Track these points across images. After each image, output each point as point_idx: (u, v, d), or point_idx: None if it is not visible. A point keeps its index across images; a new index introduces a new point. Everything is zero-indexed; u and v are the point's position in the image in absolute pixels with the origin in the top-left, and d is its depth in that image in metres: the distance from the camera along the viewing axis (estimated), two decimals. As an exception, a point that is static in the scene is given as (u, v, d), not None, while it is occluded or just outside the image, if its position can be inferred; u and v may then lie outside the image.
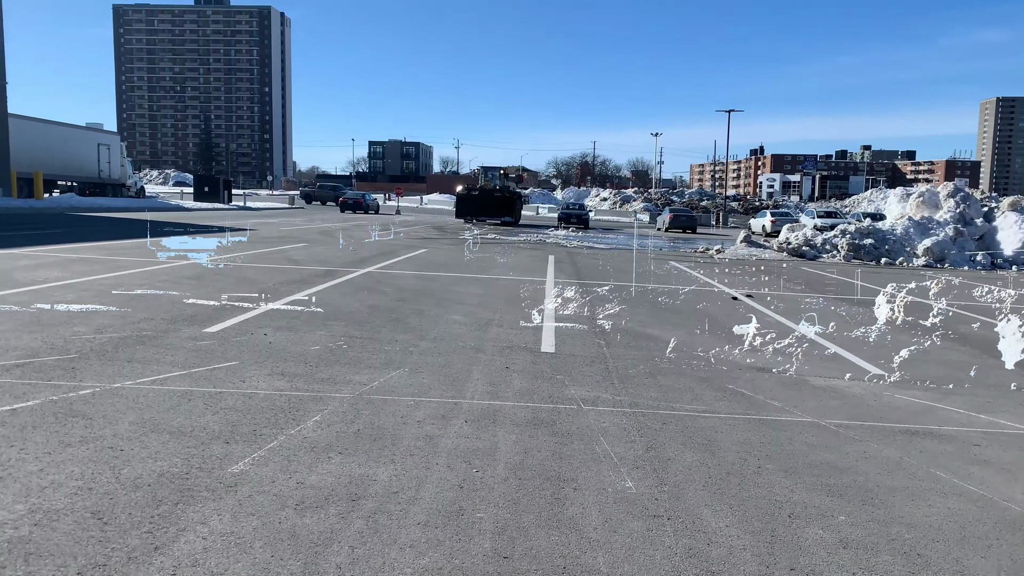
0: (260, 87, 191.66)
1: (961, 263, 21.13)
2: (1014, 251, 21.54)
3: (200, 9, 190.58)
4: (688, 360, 7.24)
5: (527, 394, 5.69)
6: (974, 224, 22.71)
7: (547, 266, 16.39)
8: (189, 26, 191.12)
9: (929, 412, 5.76)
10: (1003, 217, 23.08)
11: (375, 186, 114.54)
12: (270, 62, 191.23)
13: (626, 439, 4.76)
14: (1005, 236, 22.07)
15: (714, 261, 20.68)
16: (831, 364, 7.41)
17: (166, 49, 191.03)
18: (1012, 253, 21.55)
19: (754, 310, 10.96)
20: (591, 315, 9.71)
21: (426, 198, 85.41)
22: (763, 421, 5.30)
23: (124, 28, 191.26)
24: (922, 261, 21.31)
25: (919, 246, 21.74)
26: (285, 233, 24.81)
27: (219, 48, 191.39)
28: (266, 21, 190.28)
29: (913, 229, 22.74)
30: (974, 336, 9.46)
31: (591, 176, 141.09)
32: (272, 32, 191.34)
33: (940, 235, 21.93)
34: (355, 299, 10.14)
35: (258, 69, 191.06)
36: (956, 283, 16.64)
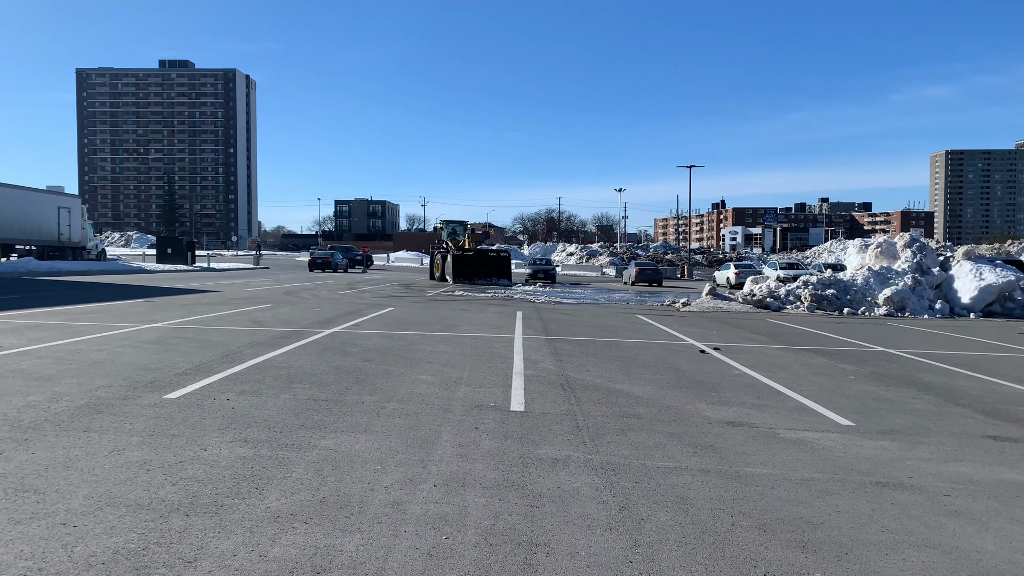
0: (225, 148, 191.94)
1: (921, 311, 21.57)
2: (971, 299, 22.07)
3: (165, 72, 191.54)
4: (658, 415, 7.22)
5: (497, 455, 5.61)
6: (931, 273, 23.28)
7: (515, 322, 16.38)
8: (153, 89, 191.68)
9: (898, 463, 5.79)
10: (958, 266, 23.69)
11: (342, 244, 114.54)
12: (235, 123, 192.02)
13: (598, 499, 4.69)
14: (961, 284, 22.63)
15: (681, 314, 20.86)
16: (800, 416, 7.44)
17: (129, 112, 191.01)
18: (969, 301, 22.07)
19: (722, 363, 11.02)
20: (560, 371, 9.68)
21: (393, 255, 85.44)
22: (735, 476, 5.27)
23: (87, 92, 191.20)
24: (883, 310, 21.72)
25: (880, 296, 22.18)
26: (250, 294, 24.55)
27: (184, 110, 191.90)
28: (231, 84, 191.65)
29: (873, 279, 23.22)
30: (938, 385, 9.59)
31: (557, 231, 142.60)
32: (237, 94, 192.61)
33: (899, 284, 22.42)
34: (320, 360, 10.01)
35: (223, 131, 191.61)
36: (919, 331, 16.95)
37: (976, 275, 22.59)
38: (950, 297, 22.50)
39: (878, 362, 11.64)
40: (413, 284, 35.48)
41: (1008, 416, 7.68)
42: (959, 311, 21.87)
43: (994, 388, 9.41)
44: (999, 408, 8.09)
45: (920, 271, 23.22)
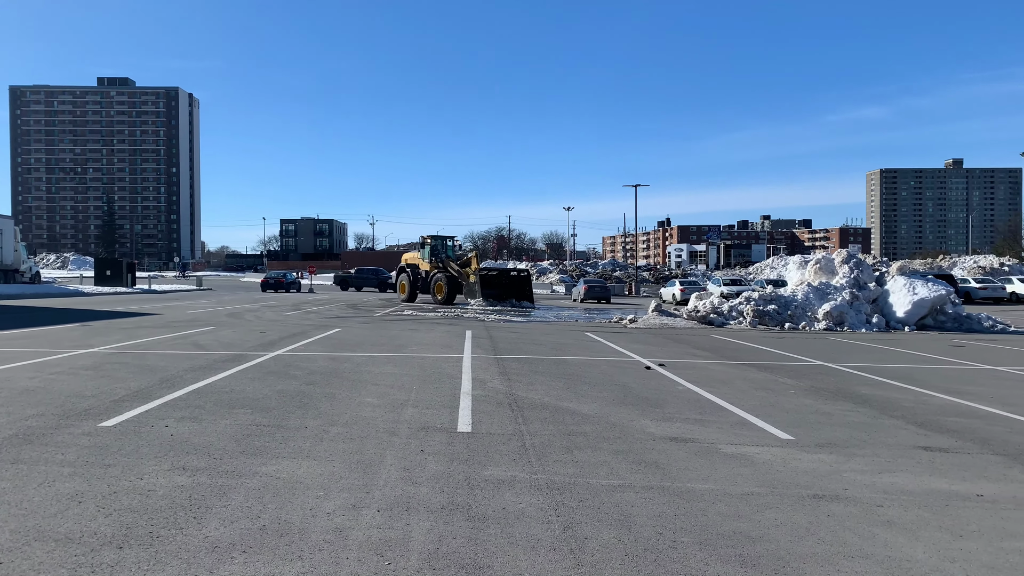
0: (167, 167, 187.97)
1: (858, 326, 22.21)
2: (905, 312, 22.82)
3: (103, 90, 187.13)
4: (604, 433, 7.27)
5: (442, 478, 5.58)
6: (868, 288, 24.02)
7: (464, 341, 16.35)
8: (91, 107, 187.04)
9: (835, 475, 5.94)
10: (893, 281, 24.51)
11: (287, 264, 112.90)
12: (178, 142, 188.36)
13: (543, 519, 4.70)
14: (896, 299, 23.39)
15: (628, 330, 21.08)
16: (741, 431, 7.58)
17: (66, 130, 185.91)
18: (903, 314, 22.82)
19: (667, 379, 11.17)
20: (509, 390, 9.69)
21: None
22: (677, 492, 5.34)
23: (21, 109, 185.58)
24: (823, 325, 22.30)
25: (819, 311, 22.78)
26: (192, 317, 24.01)
27: (123, 128, 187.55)
28: (173, 102, 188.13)
29: (813, 294, 23.85)
30: (874, 397, 9.88)
31: (507, 249, 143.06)
32: (180, 112, 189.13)
33: (838, 299, 23.07)
34: (263, 384, 9.83)
35: (165, 149, 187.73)
36: (859, 345, 17.45)
37: (910, 290, 23.39)
38: (886, 311, 23.24)
39: (817, 376, 11.94)
40: (361, 304, 35.15)
41: (939, 427, 7.95)
42: (894, 324, 22.59)
43: (926, 400, 9.74)
44: (930, 419, 8.37)
45: (857, 286, 23.94)
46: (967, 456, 6.67)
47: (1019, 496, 5.47)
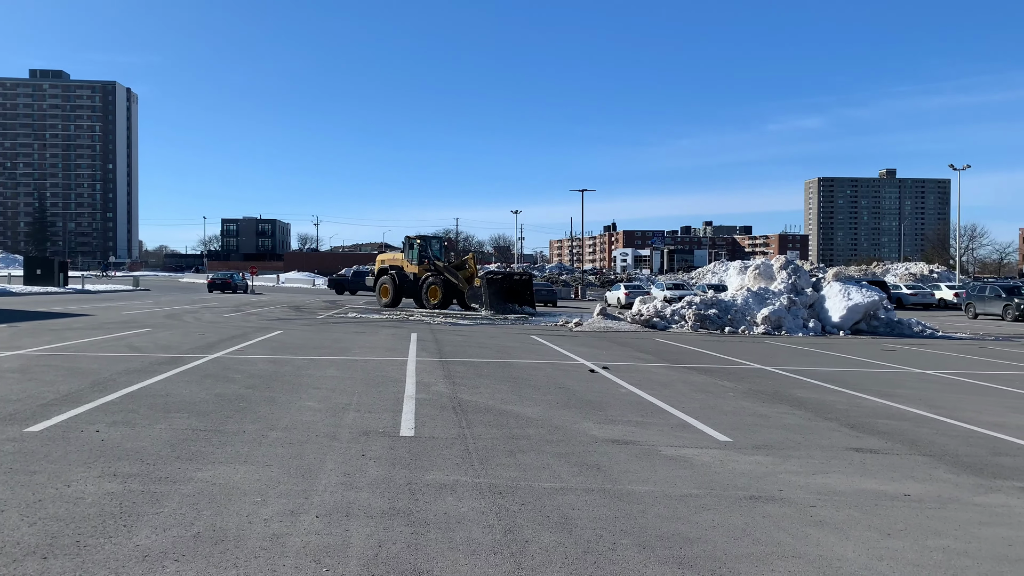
0: (103, 164, 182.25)
1: (796, 330, 22.80)
2: (840, 317, 23.52)
3: (36, 83, 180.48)
4: (547, 436, 7.30)
5: (383, 483, 5.52)
6: (805, 294, 24.67)
7: (409, 345, 16.24)
8: (23, 99, 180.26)
9: (770, 476, 6.08)
10: (829, 287, 25.23)
11: (229, 265, 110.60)
12: (115, 138, 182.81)
13: (484, 523, 4.69)
14: (832, 304, 24.09)
15: (573, 334, 21.23)
16: (681, 433, 7.69)
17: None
18: (838, 319, 23.51)
19: (610, 382, 11.28)
20: (453, 394, 9.66)
21: (283, 276, 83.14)
22: (618, 495, 5.39)
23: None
24: (761, 329, 22.82)
25: (758, 315, 23.30)
26: (127, 318, 23.31)
27: (57, 123, 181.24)
28: (110, 96, 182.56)
29: (752, 299, 24.39)
30: (809, 400, 10.14)
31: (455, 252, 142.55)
32: (117, 108, 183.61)
33: (776, 304, 23.64)
34: (201, 388, 9.59)
35: (101, 145, 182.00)
36: (793, 348, 17.90)
37: (845, 295, 24.11)
38: (822, 316, 23.90)
39: (755, 379, 12.21)
40: (304, 306, 34.62)
41: (870, 429, 8.20)
42: (830, 329, 23.25)
43: (859, 403, 10.04)
44: (862, 421, 8.63)
45: (795, 292, 24.56)
46: (896, 457, 6.90)
47: (943, 496, 5.68)
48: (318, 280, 79.16)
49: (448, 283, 32.38)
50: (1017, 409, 9.83)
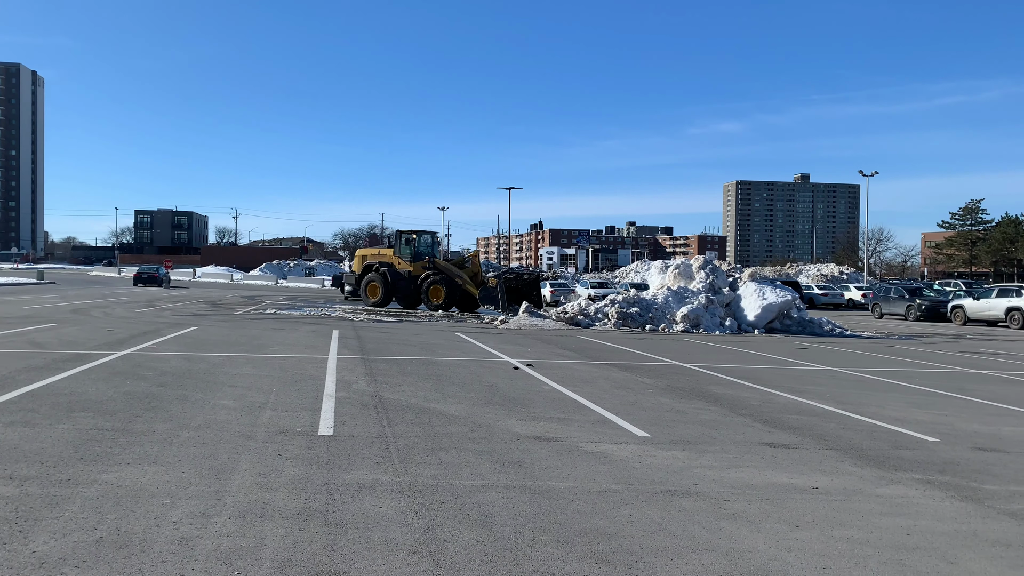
0: (5, 150, 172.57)
1: (713, 328, 23.44)
2: (755, 316, 24.30)
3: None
4: (470, 433, 7.29)
5: (300, 483, 5.40)
6: (722, 293, 25.38)
7: (330, 342, 15.95)
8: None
9: (686, 471, 6.22)
10: (745, 287, 26.04)
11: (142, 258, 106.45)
12: (18, 123, 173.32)
13: (403, 523, 4.64)
14: (747, 303, 24.87)
15: (499, 331, 21.27)
16: (602, 429, 7.80)
17: None
18: (753, 318, 24.29)
19: (534, 379, 11.35)
20: (375, 392, 9.53)
21: (200, 271, 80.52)
22: (538, 491, 5.42)
23: None
24: (680, 327, 23.37)
25: (677, 313, 23.85)
26: (30, 312, 22.15)
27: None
28: (14, 79, 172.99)
29: (672, 298, 24.95)
30: (725, 396, 10.43)
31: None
32: (21, 91, 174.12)
33: (694, 303, 24.25)
34: (108, 386, 9.19)
35: (3, 131, 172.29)
36: (714, 347, 18.40)
37: (760, 295, 24.91)
38: (738, 315, 24.64)
39: (674, 375, 12.49)
40: (221, 301, 33.61)
41: (781, 424, 8.50)
42: (745, 328, 24.00)
43: (771, 399, 10.39)
44: (774, 417, 8.94)
45: (712, 291, 25.24)
46: (805, 451, 7.16)
47: (848, 488, 5.93)
48: (236, 275, 76.98)
49: (451, 283, 30.01)
50: (917, 404, 10.35)
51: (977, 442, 7.89)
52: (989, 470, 6.67)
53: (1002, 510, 5.46)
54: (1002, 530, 5.01)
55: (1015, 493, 5.95)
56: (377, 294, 31.07)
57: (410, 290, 30.76)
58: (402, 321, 24.46)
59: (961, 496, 5.79)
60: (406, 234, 32.38)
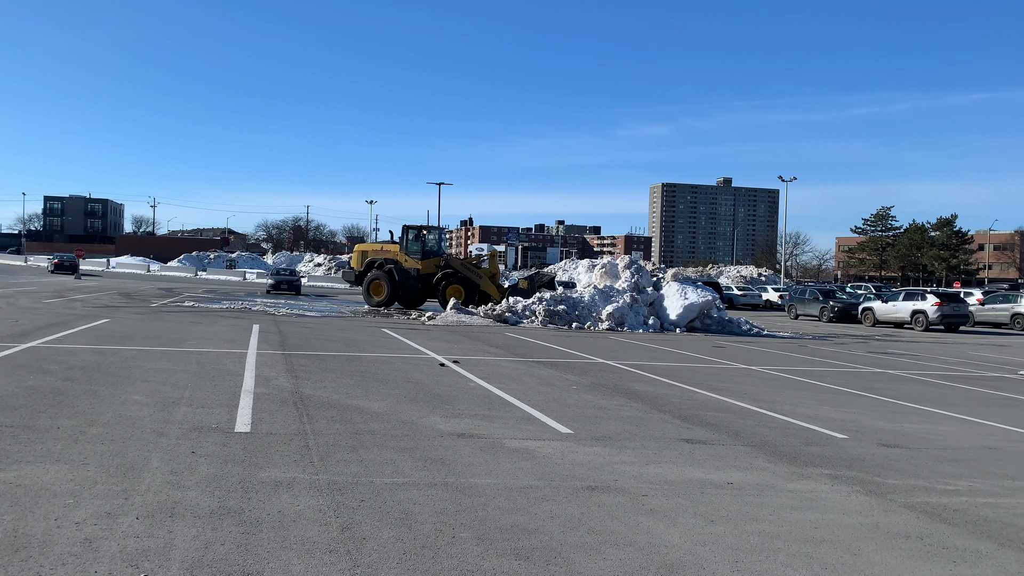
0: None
1: (637, 326, 23.87)
2: (677, 315, 24.87)
3: None
4: (393, 431, 7.21)
5: (214, 481, 5.24)
6: (646, 292, 25.88)
7: (250, 336, 15.54)
8: None
9: (607, 467, 6.31)
10: (668, 286, 26.62)
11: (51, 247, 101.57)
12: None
13: (321, 521, 4.55)
14: (670, 302, 25.42)
15: (426, 327, 21.14)
16: (526, 426, 7.84)
17: None
18: (675, 317, 24.85)
19: (459, 376, 11.32)
20: (295, 388, 9.33)
21: (115, 261, 77.31)
22: (460, 488, 5.40)
23: None
24: (606, 325, 23.71)
25: (603, 312, 24.19)
26: (-76, 301, 20.84)
27: None
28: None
29: (598, 297, 25.29)
30: (646, 393, 10.62)
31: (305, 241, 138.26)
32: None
33: (620, 302, 24.65)
34: (9, 380, 8.72)
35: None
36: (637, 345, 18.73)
37: (682, 295, 25.50)
38: (661, 314, 25.16)
39: (598, 373, 12.65)
40: (136, 293, 32.36)
41: (700, 420, 8.71)
42: (668, 326, 24.53)
43: (691, 396, 10.64)
44: (693, 413, 9.15)
45: (637, 290, 25.71)
46: (722, 447, 7.36)
47: (761, 483, 6.12)
48: (153, 266, 74.24)
49: (470, 283, 28.46)
50: (827, 402, 10.77)
51: (882, 438, 8.27)
52: (892, 465, 7.00)
53: (903, 503, 5.73)
54: (902, 522, 5.26)
55: (915, 487, 6.25)
56: (382, 293, 28.97)
57: (417, 289, 28.86)
58: (325, 317, 24.05)
59: (866, 490, 6.04)
60: (414, 229, 30.46)
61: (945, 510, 5.61)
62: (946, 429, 9.15)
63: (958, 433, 8.95)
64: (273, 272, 47.24)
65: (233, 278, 64.75)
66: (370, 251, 30.96)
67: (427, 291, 29.02)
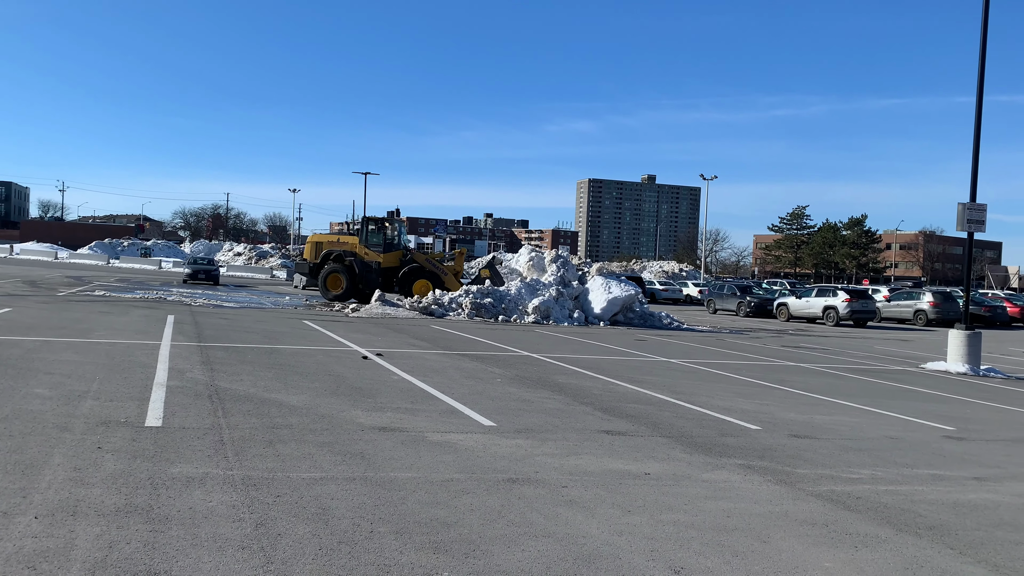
0: None
1: (562, 320, 24.11)
2: (601, 309, 25.24)
3: None
4: (311, 425, 7.08)
5: (121, 477, 5.03)
6: (571, 286, 26.15)
7: (164, 327, 15.00)
8: None
9: (528, 459, 6.35)
10: (593, 280, 26.98)
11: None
12: None
13: (234, 518, 4.43)
14: (594, 296, 25.78)
15: (349, 319, 20.84)
16: (449, 419, 7.82)
17: None
18: (600, 311, 25.21)
19: (383, 368, 11.20)
20: (210, 381, 9.05)
21: (19, 247, 73.42)
22: (380, 482, 5.35)
23: None
24: (532, 318, 23.87)
25: (529, 305, 24.34)
26: None
27: None
28: None
29: (525, 290, 25.42)
30: (569, 385, 10.74)
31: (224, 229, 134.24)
32: None
33: (546, 296, 24.84)
34: (-103, 372, 8.18)
35: None
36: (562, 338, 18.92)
37: (606, 289, 25.89)
38: (586, 307, 25.48)
39: (522, 365, 12.73)
40: (42, 281, 30.80)
41: (620, 412, 8.86)
42: (592, 320, 24.86)
43: (612, 388, 10.82)
44: (614, 405, 9.31)
45: (563, 284, 25.95)
46: (640, 439, 7.51)
47: (678, 473, 6.27)
48: (62, 253, 70.83)
49: (436, 277, 27.80)
50: (743, 395, 11.11)
51: (793, 429, 8.58)
52: (802, 455, 7.27)
53: (810, 492, 5.97)
54: (809, 510, 5.47)
55: (822, 476, 6.52)
56: (340, 286, 28.11)
57: (378, 284, 27.71)
58: (243, 308, 23.43)
59: (776, 480, 6.26)
60: (376, 221, 29.52)
61: (849, 498, 5.86)
62: (852, 420, 9.56)
63: (863, 424, 9.37)
64: (190, 261, 45.73)
65: (148, 267, 62.45)
66: (326, 242, 29.73)
67: (386, 285, 28.20)
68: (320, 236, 31.37)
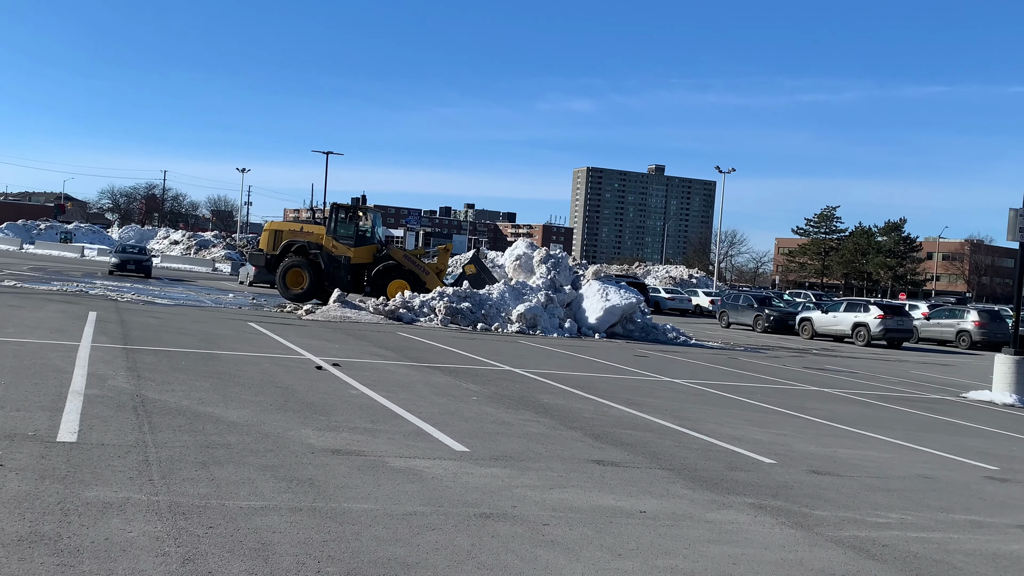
0: None
1: (551, 330, 24.16)
2: (596, 319, 25.32)
3: None
4: (253, 445, 7.05)
5: (26, 500, 4.99)
6: (563, 291, 26.23)
7: (85, 325, 14.89)
8: None
9: (506, 491, 6.35)
10: (588, 286, 27.05)
11: None
12: None
13: (158, 551, 4.40)
14: (589, 304, 25.85)
15: (303, 322, 20.79)
16: (415, 442, 7.81)
17: None
18: (595, 321, 25.29)
19: (339, 381, 11.17)
20: (136, 391, 9.00)
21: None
22: (330, 514, 5.33)
23: None
24: (516, 327, 23.90)
25: (514, 312, 24.37)
26: None
27: None
28: None
29: (509, 294, 25.45)
30: (556, 407, 10.76)
31: (160, 213, 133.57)
32: None
33: (533, 301, 24.88)
34: None
35: None
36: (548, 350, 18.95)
37: (603, 296, 25.97)
38: (579, 316, 25.55)
39: (503, 382, 12.74)
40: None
41: (613, 439, 8.89)
42: (586, 331, 24.93)
43: (606, 411, 10.85)
44: (607, 431, 9.34)
45: (554, 288, 26.01)
46: (636, 471, 7.53)
47: (678, 512, 6.29)
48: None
49: (412, 275, 27.62)
50: (755, 422, 11.18)
51: (813, 464, 8.64)
52: (822, 495, 7.32)
53: (830, 537, 6.01)
54: (828, 559, 5.51)
55: (844, 519, 6.56)
56: (302, 283, 27.79)
57: (347, 282, 27.46)
58: (179, 306, 23.31)
59: (791, 522, 6.30)
60: (346, 208, 29.10)
61: (874, 545, 5.91)
62: (881, 455, 9.64)
63: (894, 460, 9.45)
64: (119, 249, 45.39)
65: (68, 254, 62.00)
66: (286, 231, 29.32)
67: (357, 284, 28.04)
68: (279, 224, 31.02)
